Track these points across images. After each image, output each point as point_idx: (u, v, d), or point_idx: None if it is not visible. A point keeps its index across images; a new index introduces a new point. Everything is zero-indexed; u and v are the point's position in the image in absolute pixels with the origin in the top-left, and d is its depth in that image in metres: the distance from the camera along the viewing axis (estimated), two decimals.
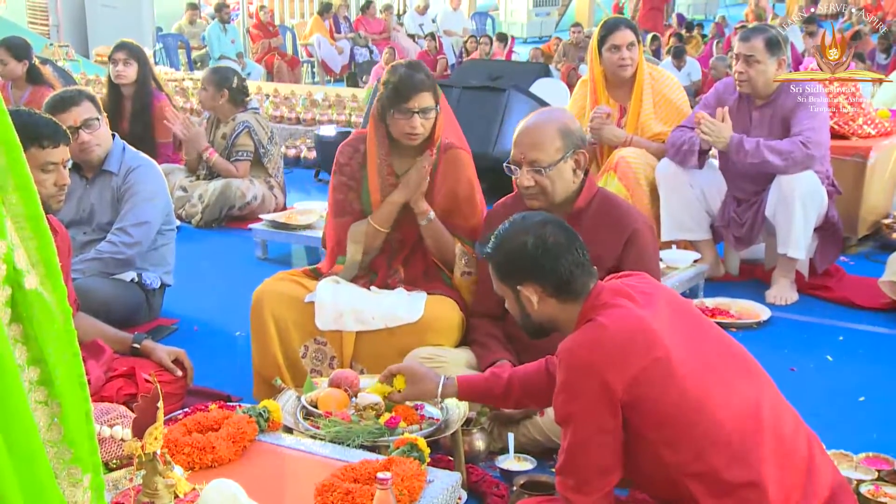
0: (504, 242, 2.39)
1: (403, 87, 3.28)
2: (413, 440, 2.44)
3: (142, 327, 4.08)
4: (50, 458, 1.41)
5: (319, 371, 3.30)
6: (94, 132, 4.02)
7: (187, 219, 5.87)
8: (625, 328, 2.16)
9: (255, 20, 15.06)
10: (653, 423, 2.14)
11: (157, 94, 6.27)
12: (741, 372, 2.26)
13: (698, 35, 15.91)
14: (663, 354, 2.13)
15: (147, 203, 4.07)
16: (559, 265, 2.29)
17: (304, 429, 2.68)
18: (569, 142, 3.02)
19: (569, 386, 2.18)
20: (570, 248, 2.32)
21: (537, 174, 3.01)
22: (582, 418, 2.16)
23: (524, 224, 2.39)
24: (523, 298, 2.35)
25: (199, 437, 2.48)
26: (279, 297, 3.34)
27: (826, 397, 3.51)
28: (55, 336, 1.42)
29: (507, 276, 2.38)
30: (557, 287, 2.30)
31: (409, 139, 3.33)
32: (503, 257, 2.38)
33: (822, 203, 4.40)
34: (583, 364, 2.15)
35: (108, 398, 3.07)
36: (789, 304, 4.47)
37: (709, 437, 2.13)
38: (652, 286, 2.35)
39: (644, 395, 2.13)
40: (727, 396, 2.17)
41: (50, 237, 1.41)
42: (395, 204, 3.39)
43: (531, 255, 2.31)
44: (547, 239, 2.32)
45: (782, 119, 4.42)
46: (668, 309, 2.27)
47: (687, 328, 2.26)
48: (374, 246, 3.45)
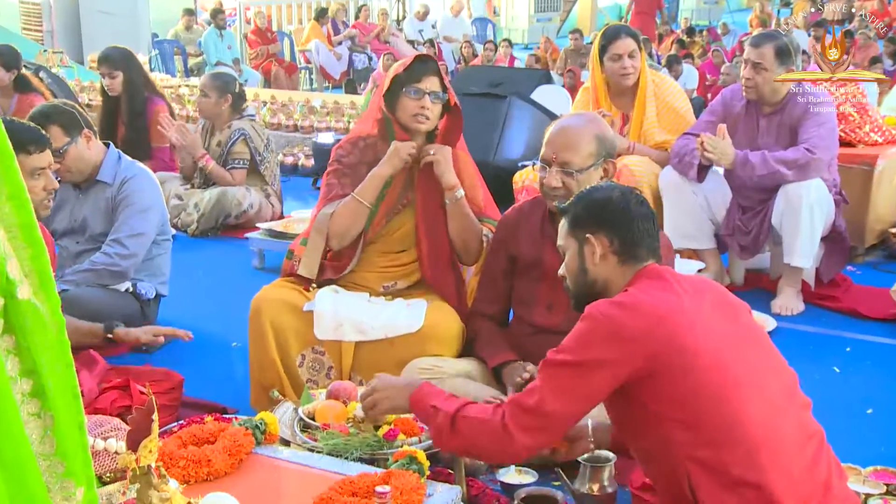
0: (590, 193, 2.45)
1: (416, 67, 3.35)
2: (412, 453, 2.44)
3: None
4: (42, 472, 1.41)
5: (316, 381, 3.30)
6: (66, 159, 3.98)
7: (183, 228, 5.87)
8: (659, 305, 2.19)
9: (252, 26, 15.09)
10: (667, 400, 2.16)
11: (153, 98, 6.28)
12: (775, 383, 2.27)
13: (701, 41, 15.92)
14: (690, 342, 2.16)
15: (142, 214, 4.07)
16: (636, 225, 2.35)
17: (301, 441, 2.68)
18: (602, 149, 3.03)
19: (586, 337, 2.21)
20: (650, 218, 2.40)
21: (567, 176, 3.01)
22: (580, 371, 2.19)
23: (612, 186, 2.48)
24: (587, 250, 2.36)
25: (195, 450, 2.47)
26: (278, 305, 3.34)
27: (833, 410, 3.50)
28: (48, 347, 1.42)
29: (582, 223, 2.39)
30: (625, 245, 2.34)
31: (417, 122, 3.35)
32: (585, 204, 2.42)
33: (829, 212, 4.40)
34: (611, 325, 2.18)
35: (101, 410, 3.06)
36: (795, 315, 4.46)
37: (726, 432, 2.14)
38: (703, 283, 2.40)
39: (662, 375, 2.15)
40: (757, 402, 2.18)
41: (43, 246, 1.41)
42: (379, 177, 3.37)
43: (615, 207, 2.37)
44: (631, 199, 2.39)
45: (790, 128, 4.42)
46: (712, 305, 2.29)
47: (730, 328, 2.27)
48: (356, 226, 3.41)
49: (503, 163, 6.15)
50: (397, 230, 3.49)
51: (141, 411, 2.05)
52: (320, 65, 14.95)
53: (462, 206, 3.38)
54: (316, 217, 3.47)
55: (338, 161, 3.51)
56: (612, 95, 4.82)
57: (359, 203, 3.38)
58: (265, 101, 9.16)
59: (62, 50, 11.17)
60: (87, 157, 4.06)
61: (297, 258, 3.49)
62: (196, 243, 5.77)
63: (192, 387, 3.44)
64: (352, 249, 3.47)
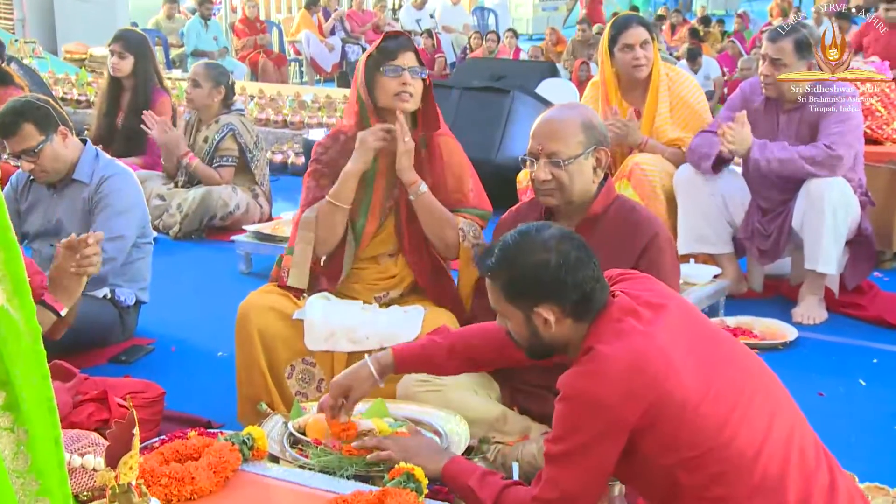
0: (518, 258, 2.28)
1: (389, 45, 3.34)
2: (409, 470, 2.44)
3: (115, 347, 4.09)
4: (16, 490, 1.41)
5: (305, 394, 3.30)
6: (40, 159, 3.98)
7: (165, 230, 5.88)
8: (629, 359, 2.14)
9: (240, 15, 15.09)
10: (667, 449, 2.15)
11: (159, 90, 6.40)
12: (761, 392, 2.25)
13: (717, 30, 15.93)
14: (674, 384, 2.12)
15: (121, 216, 4.06)
16: (581, 283, 2.24)
17: (291, 458, 2.68)
18: (591, 137, 3.03)
19: (571, 420, 2.18)
20: (589, 263, 2.28)
21: (555, 167, 3.01)
22: (583, 454, 2.17)
23: (541, 238, 2.30)
24: (537, 321, 2.29)
25: (178, 467, 2.47)
26: (266, 312, 3.34)
27: (858, 425, 3.51)
28: (22, 357, 1.42)
29: (520, 296, 2.29)
30: (577, 307, 2.26)
31: (400, 101, 3.32)
32: (516, 275, 2.29)
33: (854, 213, 4.41)
34: (589, 399, 2.14)
35: (78, 424, 3.06)
36: (818, 324, 4.47)
37: (729, 462, 2.13)
38: (660, 294, 2.33)
39: (656, 426, 2.13)
40: (748, 421, 2.17)
41: (18, 251, 1.41)
42: (352, 175, 3.35)
43: (553, 274, 2.24)
44: (569, 255, 2.26)
45: (811, 125, 4.43)
46: (679, 322, 2.25)
47: (701, 344, 2.25)
48: (335, 232, 3.41)
49: (506, 161, 6.15)
50: (381, 231, 3.49)
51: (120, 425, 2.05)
52: (311, 56, 14.96)
53: (426, 202, 3.36)
54: (298, 223, 3.47)
55: (316, 160, 3.50)
56: (622, 90, 4.82)
57: (334, 206, 3.37)
58: (253, 96, 9.17)
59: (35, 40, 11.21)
60: (62, 156, 4.05)
61: (285, 269, 3.48)
62: (179, 246, 5.78)
63: (174, 399, 3.44)
64: (339, 256, 3.47)
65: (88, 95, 9.04)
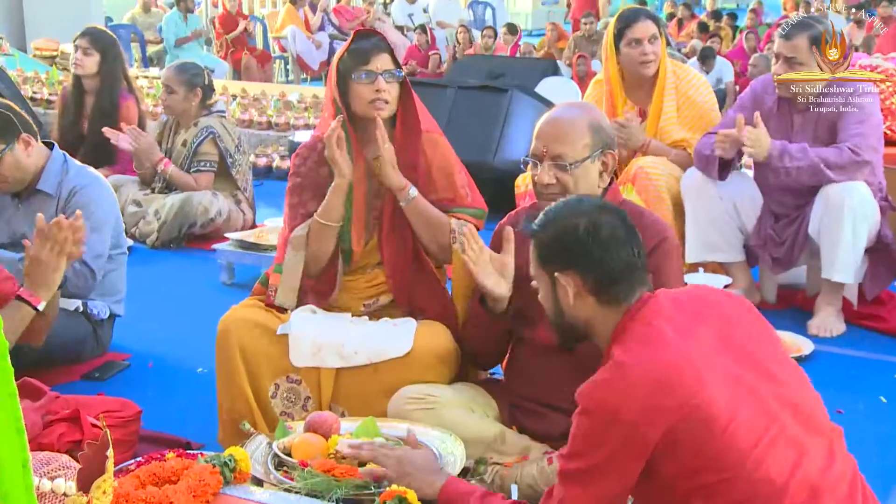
0: (554, 220, 2.40)
1: (360, 48, 3.32)
2: (402, 493, 2.44)
3: (88, 363, 4.08)
4: None
5: (291, 414, 3.29)
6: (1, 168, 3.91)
7: (141, 238, 5.87)
8: (654, 371, 2.12)
9: (221, 10, 15.08)
10: (687, 473, 2.13)
11: (125, 94, 6.32)
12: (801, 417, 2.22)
13: (728, 26, 15.94)
14: (702, 400, 2.10)
15: (94, 232, 3.95)
16: (608, 259, 2.29)
17: (276, 480, 2.68)
18: (598, 139, 3.03)
19: (590, 435, 2.17)
20: (627, 244, 2.32)
21: (560, 171, 3.01)
22: (602, 470, 2.16)
23: (580, 205, 2.41)
24: (559, 290, 2.35)
25: (155, 491, 2.47)
26: (249, 326, 3.33)
27: (878, 444, 3.51)
28: None
29: (549, 258, 2.38)
30: (600, 283, 2.29)
31: (375, 108, 3.31)
32: (547, 236, 2.39)
33: (873, 219, 4.41)
34: (609, 413, 2.13)
35: (48, 446, 3.04)
36: (835, 337, 4.48)
37: (755, 490, 2.10)
38: (702, 303, 2.32)
39: (680, 445, 2.11)
40: (779, 447, 2.13)
41: None
42: (339, 190, 3.35)
43: (580, 240, 2.31)
44: (601, 226, 2.32)
45: (828, 124, 4.43)
46: (718, 333, 2.23)
47: (739, 357, 2.21)
48: (325, 250, 3.40)
49: (504, 164, 6.16)
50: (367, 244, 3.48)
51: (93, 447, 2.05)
52: (297, 54, 14.98)
53: (418, 206, 3.36)
54: (287, 241, 3.46)
55: (295, 174, 3.49)
56: (627, 88, 4.83)
57: (322, 225, 3.37)
58: (235, 95, 9.18)
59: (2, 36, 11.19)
60: (24, 165, 3.98)
61: (272, 287, 3.47)
62: (156, 256, 5.78)
63: (151, 419, 3.43)
64: (331, 273, 3.47)
65: None
